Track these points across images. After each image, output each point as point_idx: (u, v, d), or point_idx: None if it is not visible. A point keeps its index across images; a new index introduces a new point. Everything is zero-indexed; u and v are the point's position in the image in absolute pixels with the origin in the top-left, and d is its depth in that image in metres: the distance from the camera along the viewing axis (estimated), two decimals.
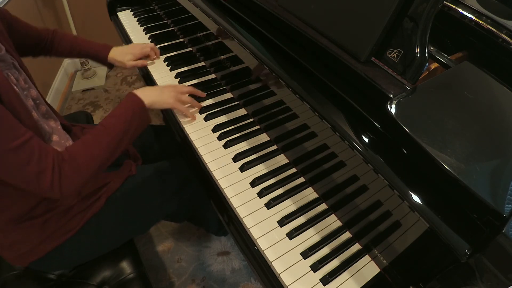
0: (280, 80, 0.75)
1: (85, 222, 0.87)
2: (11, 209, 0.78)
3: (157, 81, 1.15)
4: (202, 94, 1.05)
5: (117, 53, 1.15)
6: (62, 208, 0.84)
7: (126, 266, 0.96)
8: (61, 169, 0.71)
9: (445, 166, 0.51)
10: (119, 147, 0.81)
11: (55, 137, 0.85)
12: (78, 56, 1.16)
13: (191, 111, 1.00)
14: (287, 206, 0.80)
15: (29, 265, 0.86)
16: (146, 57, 1.21)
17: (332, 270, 0.70)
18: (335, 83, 0.66)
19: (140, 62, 1.18)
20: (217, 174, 0.86)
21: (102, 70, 2.45)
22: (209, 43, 1.11)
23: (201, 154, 0.91)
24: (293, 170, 0.87)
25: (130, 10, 1.56)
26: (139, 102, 0.86)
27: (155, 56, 1.22)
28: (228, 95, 1.08)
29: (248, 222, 0.77)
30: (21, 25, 0.99)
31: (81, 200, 0.87)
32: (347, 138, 0.62)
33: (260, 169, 0.88)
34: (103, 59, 1.15)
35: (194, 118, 1.00)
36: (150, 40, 1.36)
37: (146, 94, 0.88)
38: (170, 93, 0.95)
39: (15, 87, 0.73)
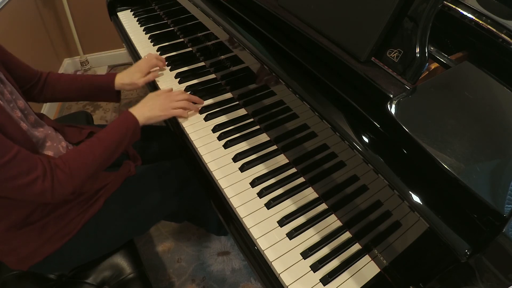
0: (280, 80, 0.75)
1: (84, 224, 0.87)
2: (9, 218, 0.79)
3: (157, 82, 1.15)
4: (199, 101, 1.04)
5: (124, 77, 1.09)
6: (61, 211, 0.84)
7: (126, 266, 0.96)
8: (54, 174, 0.74)
9: (445, 166, 0.51)
10: (111, 158, 0.86)
11: (48, 143, 0.87)
12: (78, 94, 1.07)
13: (189, 113, 1.01)
14: (287, 206, 0.80)
15: (29, 268, 0.86)
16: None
17: (332, 270, 0.70)
18: (335, 83, 0.66)
19: (151, 76, 1.12)
20: (217, 174, 0.86)
21: (101, 70, 2.45)
22: (209, 43, 1.11)
23: (201, 154, 0.91)
24: (293, 170, 0.87)
25: (130, 10, 1.56)
26: (134, 120, 0.90)
27: (164, 67, 1.18)
28: (228, 95, 1.08)
29: (248, 222, 0.77)
30: (7, 52, 0.91)
31: (79, 202, 0.87)
32: (347, 138, 0.62)
33: (260, 169, 0.88)
34: (109, 89, 1.08)
35: (196, 110, 1.01)
36: (150, 40, 1.36)
37: (140, 112, 0.92)
38: (162, 105, 0.96)
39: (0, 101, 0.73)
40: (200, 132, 0.97)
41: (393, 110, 0.57)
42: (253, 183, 0.84)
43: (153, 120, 0.94)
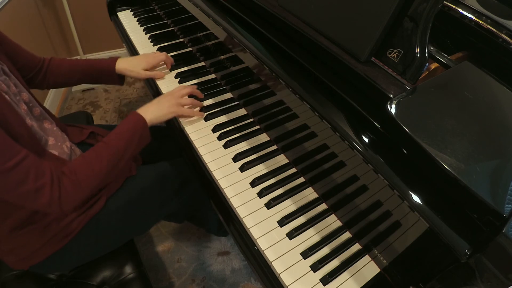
0: (280, 80, 0.75)
1: (85, 224, 0.87)
2: (13, 216, 0.78)
3: (157, 81, 1.15)
4: (200, 94, 1.05)
5: (129, 62, 1.09)
6: None
7: (126, 266, 0.96)
8: (61, 183, 0.71)
9: (445, 166, 0.51)
10: (119, 163, 0.83)
11: (51, 140, 0.85)
12: (80, 77, 1.07)
13: (195, 110, 1.00)
14: (287, 206, 0.80)
15: (30, 268, 0.86)
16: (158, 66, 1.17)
17: (332, 270, 0.70)
18: (335, 83, 0.66)
19: (156, 74, 1.13)
20: (217, 174, 0.86)
21: None
22: (209, 43, 1.11)
23: (201, 154, 0.91)
24: (293, 170, 0.87)
25: (130, 10, 1.56)
26: (141, 120, 0.88)
27: (169, 67, 1.18)
28: (228, 95, 1.08)
29: (248, 222, 0.77)
30: (11, 42, 0.92)
31: (80, 202, 0.87)
32: (347, 138, 0.62)
33: (260, 169, 0.88)
34: (110, 72, 1.08)
35: (202, 115, 1.00)
36: (150, 40, 1.36)
37: (147, 111, 0.90)
38: (170, 102, 0.94)
39: (6, 96, 0.71)
40: (200, 132, 0.97)
41: (393, 110, 0.57)
42: (253, 183, 0.84)
43: (162, 119, 0.93)
